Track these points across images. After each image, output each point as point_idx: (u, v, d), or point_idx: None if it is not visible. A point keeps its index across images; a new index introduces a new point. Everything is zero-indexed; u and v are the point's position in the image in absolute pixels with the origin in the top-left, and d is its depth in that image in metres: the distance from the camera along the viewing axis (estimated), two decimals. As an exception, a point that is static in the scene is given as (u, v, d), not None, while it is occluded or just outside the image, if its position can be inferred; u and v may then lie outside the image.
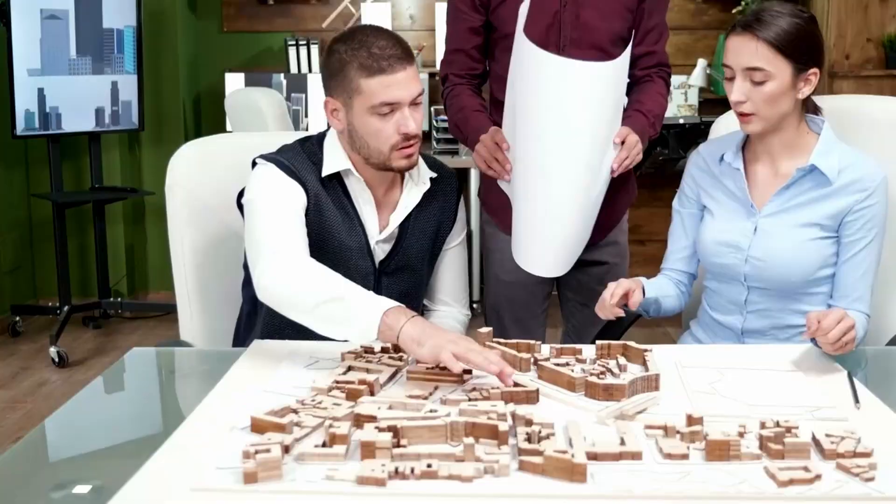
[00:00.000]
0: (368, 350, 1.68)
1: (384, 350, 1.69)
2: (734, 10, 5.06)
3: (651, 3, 2.22)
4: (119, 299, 4.90)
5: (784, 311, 1.94)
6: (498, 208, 2.27)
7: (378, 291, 1.85)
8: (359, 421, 1.33)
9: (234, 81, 4.98)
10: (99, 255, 4.77)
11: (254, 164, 1.93)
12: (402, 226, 1.99)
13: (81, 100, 4.47)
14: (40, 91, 4.32)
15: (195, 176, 2.13)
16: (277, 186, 1.87)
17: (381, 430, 1.27)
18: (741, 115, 1.88)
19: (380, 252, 1.98)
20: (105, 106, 4.57)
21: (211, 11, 5.36)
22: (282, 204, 1.84)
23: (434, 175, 2.02)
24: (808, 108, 1.95)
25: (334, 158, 1.92)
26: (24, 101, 4.26)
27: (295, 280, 1.72)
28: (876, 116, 2.15)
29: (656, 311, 2.03)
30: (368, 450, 1.23)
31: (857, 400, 1.46)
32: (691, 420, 1.32)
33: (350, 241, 1.92)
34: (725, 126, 2.17)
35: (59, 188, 4.54)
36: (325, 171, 1.91)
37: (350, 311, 1.62)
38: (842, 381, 1.56)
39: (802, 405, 1.45)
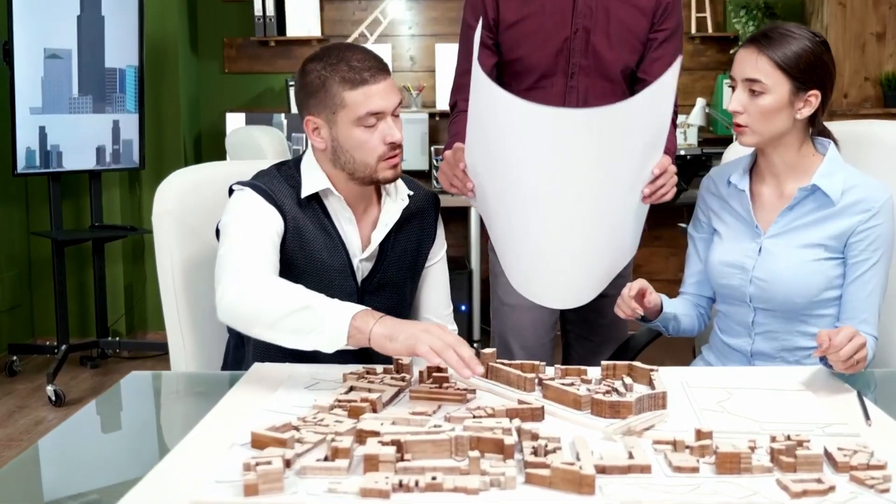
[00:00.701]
0: (370, 371, 1.67)
1: (386, 371, 1.67)
2: (731, 52, 5.10)
3: (663, 35, 2.21)
4: (117, 338, 4.87)
5: (791, 332, 1.93)
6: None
7: None
8: (361, 436, 1.31)
9: (235, 121, 5.00)
10: (98, 294, 4.75)
11: (231, 191, 1.92)
12: (383, 244, 1.98)
13: (83, 138, 4.48)
14: (42, 129, 4.33)
15: (183, 204, 2.10)
16: (252, 211, 1.85)
17: (384, 444, 1.24)
18: (736, 126, 1.90)
19: (362, 270, 1.97)
20: (106, 144, 4.58)
21: (212, 53, 5.40)
22: (254, 228, 1.83)
23: (411, 192, 2.03)
24: (817, 130, 1.95)
25: (312, 179, 1.92)
26: (26, 139, 4.27)
27: (257, 295, 1.69)
28: (886, 140, 2.13)
29: (675, 330, 2.04)
30: (371, 463, 1.20)
31: (867, 417, 1.44)
32: (700, 434, 1.30)
33: (332, 261, 1.91)
34: (735, 152, 2.18)
35: (59, 226, 4.53)
36: (305, 192, 1.90)
37: (318, 319, 1.61)
38: (852, 401, 1.53)
39: (813, 422, 1.42)
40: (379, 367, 1.68)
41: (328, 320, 1.60)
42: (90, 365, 4.77)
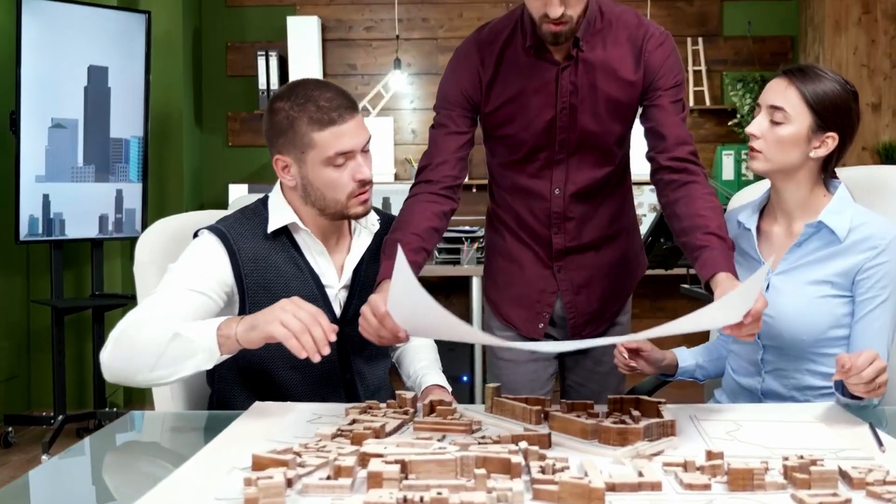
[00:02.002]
0: (373, 406, 1.64)
1: (389, 405, 1.64)
2: (730, 123, 5.17)
3: (662, 88, 2.05)
4: (115, 409, 4.81)
5: (800, 371, 1.90)
6: (492, 291, 2.27)
7: (342, 340, 1.86)
8: (364, 459, 1.28)
9: (237, 192, 5.04)
10: (96, 364, 4.69)
11: (196, 235, 1.93)
12: (357, 271, 1.99)
13: (86, 207, 4.51)
14: (45, 197, 4.36)
15: (165, 254, 2.05)
16: (193, 261, 1.86)
17: (388, 462, 1.21)
18: (751, 150, 1.92)
19: (340, 300, 1.98)
20: (109, 213, 4.60)
21: (216, 126, 5.48)
22: (183, 280, 1.81)
23: (380, 219, 2.04)
24: (829, 175, 1.95)
25: (280, 214, 1.93)
26: (29, 206, 4.29)
27: (130, 347, 1.72)
28: (892, 185, 2.11)
29: (706, 375, 2.05)
30: (375, 480, 1.17)
31: (881, 444, 1.41)
32: (711, 455, 1.27)
33: (302, 294, 1.85)
34: (743, 198, 2.19)
35: (60, 294, 4.52)
36: (271, 227, 1.91)
37: (188, 342, 1.66)
38: (864, 432, 1.50)
39: (825, 448, 1.39)
40: (382, 404, 1.66)
41: (197, 339, 1.66)
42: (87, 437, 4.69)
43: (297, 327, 1.57)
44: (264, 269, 1.89)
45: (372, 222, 2.03)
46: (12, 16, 4.26)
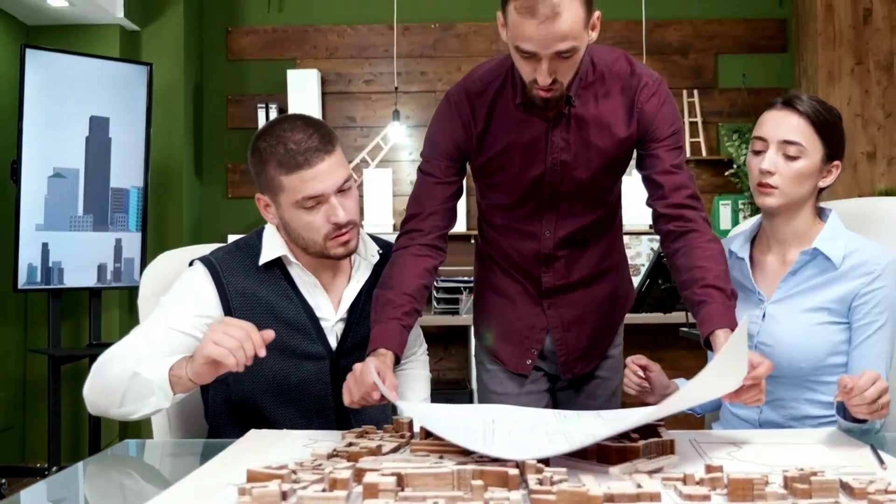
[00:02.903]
0: (370, 430, 1.62)
1: (385, 430, 1.63)
2: (727, 173, 5.21)
3: (659, 139, 2.01)
4: (110, 461, 4.75)
5: (798, 400, 1.89)
6: (481, 325, 2.26)
7: (337, 372, 1.89)
8: (360, 474, 1.26)
9: (236, 242, 5.04)
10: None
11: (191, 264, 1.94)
12: (354, 303, 1.97)
13: (85, 255, 4.51)
14: (44, 245, 4.36)
15: (167, 286, 1.99)
16: (181, 294, 1.87)
17: (384, 475, 1.20)
18: (764, 186, 1.88)
19: (337, 332, 1.96)
20: (108, 262, 4.61)
21: (216, 177, 5.51)
22: (168, 314, 1.84)
23: (381, 250, 2.02)
24: (819, 200, 1.96)
25: (272, 247, 1.92)
26: (28, 255, 4.30)
27: (103, 382, 1.74)
28: (889, 216, 2.12)
29: (704, 408, 2.03)
30: (371, 492, 1.16)
31: (881, 462, 1.40)
32: (711, 468, 1.26)
33: (295, 326, 1.90)
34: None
35: (57, 344, 4.50)
36: (263, 260, 1.90)
37: (146, 382, 1.68)
38: (865, 454, 1.49)
39: (826, 465, 1.38)
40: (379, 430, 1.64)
41: (155, 378, 1.67)
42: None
43: (232, 344, 1.57)
44: (254, 302, 1.88)
45: (372, 254, 2.01)
46: (16, 65, 4.31)
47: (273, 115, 5.30)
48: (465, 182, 2.11)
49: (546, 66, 1.79)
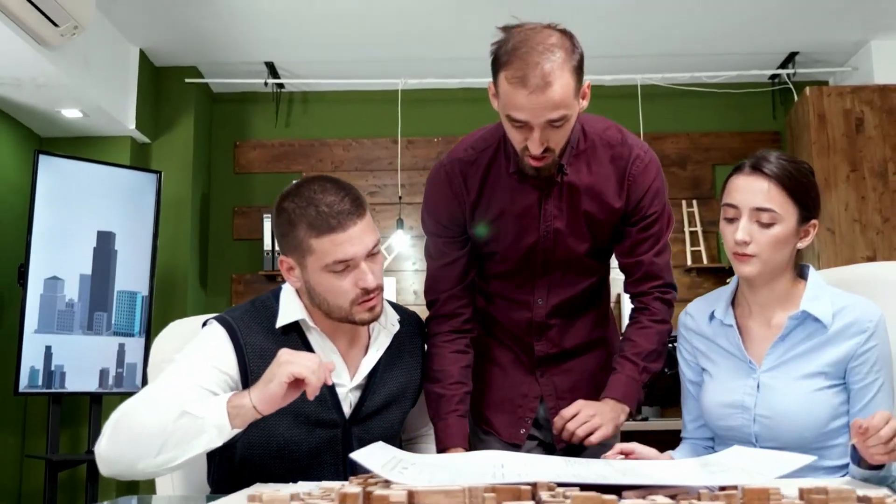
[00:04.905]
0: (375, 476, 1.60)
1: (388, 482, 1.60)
2: (728, 281, 5.23)
3: (646, 221, 2.07)
4: (104, 573, 4.61)
5: (802, 469, 1.82)
6: (473, 395, 2.21)
7: (348, 441, 1.85)
8: (369, 498, 1.24)
9: (239, 349, 5.02)
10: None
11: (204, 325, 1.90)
12: (372, 374, 1.93)
13: (87, 360, 4.49)
14: (48, 349, 4.35)
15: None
16: (199, 351, 1.81)
17: (395, 491, 1.18)
18: (743, 256, 1.83)
19: (351, 400, 1.91)
20: (110, 367, 4.59)
21: (221, 287, 5.54)
22: (186, 372, 1.76)
23: (400, 317, 2.00)
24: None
25: (290, 310, 1.87)
26: (31, 358, 4.28)
27: (130, 433, 1.63)
28: (890, 280, 2.05)
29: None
30: (381, 504, 1.14)
31: (899, 493, 1.37)
32: (725, 488, 1.24)
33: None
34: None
35: (55, 450, 4.43)
36: (280, 323, 1.85)
37: (198, 419, 1.61)
38: (882, 491, 1.46)
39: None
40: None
41: (208, 413, 1.61)
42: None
43: (312, 365, 1.57)
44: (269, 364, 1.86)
45: (392, 322, 1.97)
46: (29, 174, 4.41)
47: (278, 225, 5.37)
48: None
49: (538, 134, 1.82)
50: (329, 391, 1.87)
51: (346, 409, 1.91)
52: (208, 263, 5.57)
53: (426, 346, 2.10)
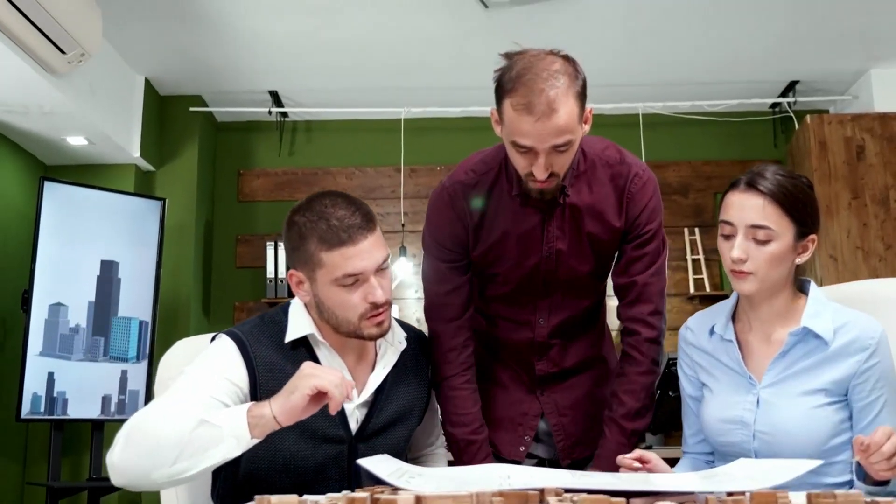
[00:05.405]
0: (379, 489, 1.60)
1: (395, 490, 1.60)
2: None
3: (641, 240, 2.09)
4: None
5: (803, 486, 1.81)
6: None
7: (354, 457, 1.83)
8: (377, 502, 1.24)
9: (241, 377, 5.02)
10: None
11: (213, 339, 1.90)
12: (378, 391, 1.93)
13: (89, 386, 4.48)
14: (50, 375, 4.35)
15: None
16: (210, 364, 1.79)
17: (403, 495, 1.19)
18: (740, 273, 1.82)
19: (357, 416, 1.91)
20: (112, 394, 4.58)
21: (223, 315, 5.54)
22: (198, 384, 1.75)
23: (406, 335, 2.00)
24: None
25: (298, 324, 1.87)
26: (33, 384, 4.27)
27: (145, 442, 1.62)
28: (891, 297, 2.04)
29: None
30: (389, 507, 1.14)
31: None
32: (733, 493, 1.24)
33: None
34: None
35: (57, 477, 4.41)
36: (288, 338, 1.85)
37: (216, 428, 1.60)
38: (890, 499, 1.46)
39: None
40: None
41: (226, 423, 1.60)
42: None
43: (335, 379, 1.57)
44: (281, 379, 1.82)
45: (399, 339, 1.97)
46: (33, 201, 4.42)
47: (282, 253, 5.38)
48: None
49: (543, 160, 1.84)
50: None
51: (353, 426, 1.91)
52: (211, 291, 5.58)
53: (440, 386, 2.12)
